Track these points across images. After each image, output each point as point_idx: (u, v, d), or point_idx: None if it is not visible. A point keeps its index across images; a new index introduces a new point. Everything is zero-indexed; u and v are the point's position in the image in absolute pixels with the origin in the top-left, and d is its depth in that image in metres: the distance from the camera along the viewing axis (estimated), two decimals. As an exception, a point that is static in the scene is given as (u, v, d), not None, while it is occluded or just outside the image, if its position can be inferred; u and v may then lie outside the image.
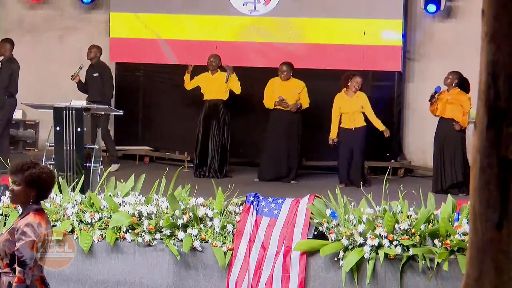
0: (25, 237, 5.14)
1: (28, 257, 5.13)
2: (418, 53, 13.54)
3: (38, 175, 5.29)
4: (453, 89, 11.80)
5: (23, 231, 5.15)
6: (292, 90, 12.47)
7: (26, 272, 5.13)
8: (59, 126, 9.33)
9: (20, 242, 5.14)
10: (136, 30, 13.94)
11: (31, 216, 5.24)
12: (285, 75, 12.49)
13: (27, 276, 5.14)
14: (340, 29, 13.38)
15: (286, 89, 12.47)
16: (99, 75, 13.05)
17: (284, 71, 12.49)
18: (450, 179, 11.73)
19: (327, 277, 7.78)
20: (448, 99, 11.79)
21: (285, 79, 12.51)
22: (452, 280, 7.49)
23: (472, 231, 3.15)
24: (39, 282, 5.28)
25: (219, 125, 12.68)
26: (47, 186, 5.36)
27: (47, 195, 5.56)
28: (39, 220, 5.23)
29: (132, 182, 8.58)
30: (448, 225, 7.58)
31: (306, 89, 12.53)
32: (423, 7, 13.17)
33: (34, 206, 5.30)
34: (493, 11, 3.04)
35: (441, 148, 11.82)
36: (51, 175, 5.42)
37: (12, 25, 14.57)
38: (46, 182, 5.33)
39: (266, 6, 13.58)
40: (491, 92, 3.06)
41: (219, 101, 12.72)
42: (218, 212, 8.09)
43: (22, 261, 5.12)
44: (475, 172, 3.13)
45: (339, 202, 7.95)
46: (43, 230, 5.22)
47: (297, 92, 12.47)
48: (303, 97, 12.50)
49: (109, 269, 8.13)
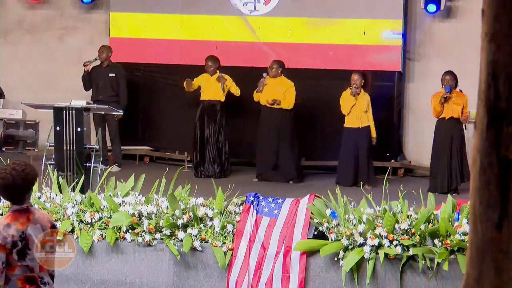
0: None
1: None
2: (418, 53, 13.54)
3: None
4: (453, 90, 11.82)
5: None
6: (276, 88, 12.46)
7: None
8: (59, 126, 9.33)
9: None
10: (136, 30, 13.94)
11: (4, 217, 5.24)
12: (272, 72, 12.50)
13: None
14: (340, 29, 13.37)
15: (272, 87, 12.45)
16: (115, 75, 13.14)
17: (273, 68, 12.52)
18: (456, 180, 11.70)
19: (327, 277, 7.78)
20: (453, 100, 11.77)
21: (273, 76, 12.51)
22: (452, 280, 7.49)
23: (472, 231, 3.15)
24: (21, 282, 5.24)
25: (215, 126, 12.69)
26: (7, 186, 5.25)
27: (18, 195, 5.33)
28: (9, 221, 5.20)
29: (132, 182, 8.58)
30: (448, 225, 7.58)
31: (293, 89, 12.43)
32: (423, 7, 13.17)
33: (14, 207, 5.28)
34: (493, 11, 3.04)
35: (450, 148, 11.78)
36: (10, 176, 5.25)
37: (12, 25, 14.56)
38: (4, 182, 5.23)
39: (266, 6, 13.58)
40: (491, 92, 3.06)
41: (216, 102, 12.73)
42: (218, 212, 8.09)
43: None
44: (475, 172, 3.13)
45: (339, 202, 7.95)
46: (12, 231, 5.17)
47: (282, 91, 12.45)
48: (287, 96, 12.46)
49: (109, 269, 8.13)
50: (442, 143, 11.88)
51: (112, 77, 13.12)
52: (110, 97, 12.98)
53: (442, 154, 11.87)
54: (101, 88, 13.08)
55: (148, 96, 14.15)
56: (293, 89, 12.46)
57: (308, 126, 12.91)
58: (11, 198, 5.32)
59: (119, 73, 13.21)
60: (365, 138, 12.17)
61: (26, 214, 5.26)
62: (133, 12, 13.92)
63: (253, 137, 13.14)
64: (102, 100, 12.63)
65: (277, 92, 12.43)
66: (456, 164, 11.76)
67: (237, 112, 13.29)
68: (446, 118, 11.84)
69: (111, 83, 13.10)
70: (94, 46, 13.67)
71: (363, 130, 12.16)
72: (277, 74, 12.52)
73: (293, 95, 12.45)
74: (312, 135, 13.07)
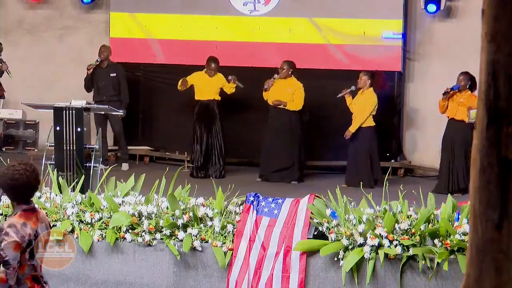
0: (7, 238, 5.13)
1: (11, 258, 5.12)
2: (418, 53, 13.53)
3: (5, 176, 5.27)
4: (466, 91, 11.77)
5: (6, 232, 5.15)
6: (286, 90, 12.47)
7: (9, 273, 5.13)
8: (59, 126, 9.33)
9: (3, 242, 5.14)
10: (136, 30, 13.94)
11: (16, 217, 5.24)
12: (283, 73, 12.50)
13: (10, 277, 5.14)
14: (340, 29, 13.37)
15: (281, 88, 12.46)
16: (116, 75, 13.18)
17: (283, 69, 12.51)
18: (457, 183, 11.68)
19: (327, 277, 7.78)
20: (461, 101, 11.73)
21: (283, 77, 12.52)
22: (452, 280, 7.49)
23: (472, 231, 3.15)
24: (30, 281, 5.27)
25: (212, 126, 12.68)
26: (20, 186, 5.26)
27: (26, 195, 5.36)
28: (24, 220, 5.22)
29: (132, 182, 8.58)
30: (448, 225, 7.58)
31: (301, 91, 12.45)
32: (423, 7, 13.16)
33: (23, 206, 5.29)
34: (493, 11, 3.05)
35: (451, 150, 11.77)
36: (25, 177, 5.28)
37: (12, 25, 14.56)
38: (18, 183, 5.24)
39: (266, 6, 13.58)
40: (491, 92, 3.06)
41: (212, 101, 12.72)
42: (218, 212, 8.09)
43: (5, 261, 5.13)
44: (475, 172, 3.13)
45: (339, 202, 7.95)
46: (28, 230, 5.20)
47: (290, 92, 12.46)
48: (296, 98, 12.46)
49: (109, 269, 8.13)
50: (445, 143, 11.87)
51: (113, 76, 13.15)
52: (112, 96, 13.03)
53: (444, 155, 11.88)
54: (102, 88, 13.10)
55: (148, 96, 14.16)
56: (301, 91, 12.46)
57: (308, 126, 12.90)
58: (22, 197, 5.34)
59: (119, 73, 13.24)
60: (366, 139, 12.15)
61: (34, 214, 5.32)
62: (133, 12, 13.92)
63: (253, 137, 13.15)
64: (104, 100, 12.68)
65: (286, 93, 12.44)
66: (459, 166, 11.70)
67: (238, 112, 13.29)
68: (449, 118, 11.83)
69: (113, 83, 13.14)
70: (94, 46, 13.67)
71: (364, 130, 12.15)
72: (287, 75, 12.53)
73: (301, 96, 12.45)
74: (311, 135, 13.06)
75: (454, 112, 11.77)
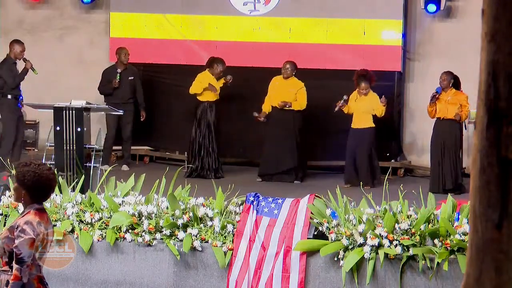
0: (24, 235, 5.14)
1: (26, 255, 5.13)
2: (418, 53, 13.54)
3: (27, 173, 5.26)
4: (450, 90, 11.87)
5: (23, 229, 5.15)
6: (289, 89, 12.48)
7: (23, 270, 5.13)
8: (59, 126, 9.33)
9: (19, 239, 5.14)
10: (136, 30, 13.94)
11: (32, 215, 5.24)
12: (287, 73, 12.52)
13: (24, 274, 5.14)
14: (340, 29, 13.38)
15: (285, 88, 12.48)
16: (134, 78, 13.28)
17: (287, 69, 12.52)
18: (450, 181, 11.75)
19: (327, 277, 7.78)
20: (448, 99, 11.82)
21: (286, 77, 12.53)
22: (452, 280, 7.49)
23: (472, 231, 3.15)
24: (36, 281, 5.28)
25: (210, 126, 12.68)
26: (40, 186, 5.28)
27: (46, 195, 5.43)
28: (39, 219, 5.23)
29: (132, 182, 8.58)
30: (448, 225, 7.58)
31: (304, 90, 12.48)
32: (423, 7, 13.17)
33: (35, 205, 5.30)
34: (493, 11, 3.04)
35: (442, 149, 11.82)
36: (46, 176, 5.32)
37: (12, 25, 14.56)
38: (39, 182, 5.26)
39: (266, 6, 13.58)
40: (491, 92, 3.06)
41: (214, 102, 12.73)
42: (218, 212, 8.09)
43: (20, 258, 5.12)
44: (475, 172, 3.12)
45: (339, 202, 7.95)
46: (42, 229, 5.22)
47: (294, 92, 12.47)
48: (299, 97, 12.48)
49: (109, 269, 8.13)
50: (435, 143, 11.94)
51: (131, 80, 13.27)
52: (128, 99, 13.22)
53: (434, 154, 11.93)
54: (120, 92, 13.14)
55: (148, 96, 14.15)
56: (304, 90, 12.48)
57: (308, 126, 12.90)
58: (41, 197, 5.36)
59: (135, 75, 13.40)
60: (366, 139, 12.15)
61: (44, 213, 5.34)
62: (133, 12, 13.92)
63: (253, 137, 13.15)
64: (120, 103, 12.66)
65: (289, 93, 12.45)
66: (448, 165, 11.77)
67: (238, 112, 13.29)
68: (440, 118, 11.91)
69: (130, 86, 13.26)
70: (94, 46, 13.67)
71: (364, 131, 12.16)
72: (291, 74, 12.55)
73: (304, 96, 12.48)
74: (311, 135, 13.07)
75: (446, 111, 11.84)
